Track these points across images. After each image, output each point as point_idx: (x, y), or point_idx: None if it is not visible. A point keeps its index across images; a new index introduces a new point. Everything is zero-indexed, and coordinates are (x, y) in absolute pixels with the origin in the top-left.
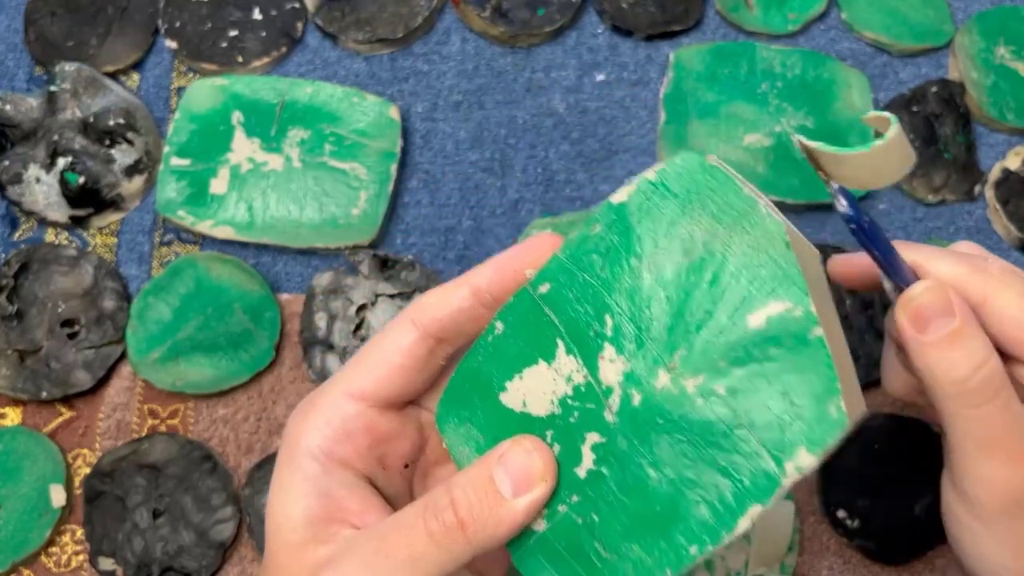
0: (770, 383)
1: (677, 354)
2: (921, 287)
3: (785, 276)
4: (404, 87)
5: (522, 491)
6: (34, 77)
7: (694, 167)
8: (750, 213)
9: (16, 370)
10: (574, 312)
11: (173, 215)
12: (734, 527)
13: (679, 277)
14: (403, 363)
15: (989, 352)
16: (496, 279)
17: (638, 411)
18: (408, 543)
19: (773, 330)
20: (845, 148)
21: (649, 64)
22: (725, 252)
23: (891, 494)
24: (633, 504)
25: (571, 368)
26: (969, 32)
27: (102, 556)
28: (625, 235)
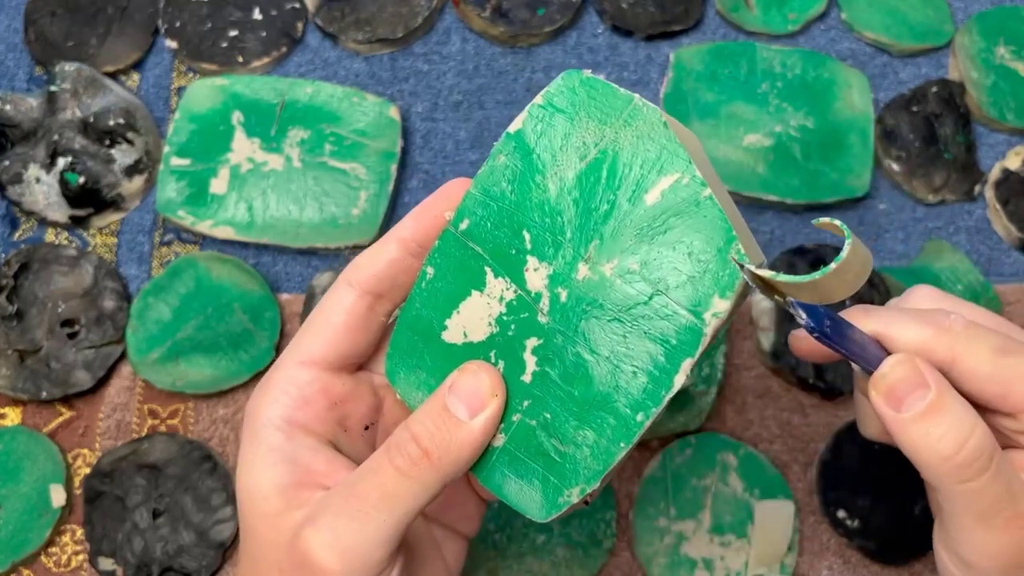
0: (675, 248)
1: (591, 246)
2: (890, 363)
3: (669, 152)
4: (404, 87)
5: (476, 410)
6: (34, 77)
7: (574, 82)
8: (628, 108)
9: (16, 370)
10: (495, 238)
11: (173, 215)
12: (671, 384)
13: (580, 180)
14: (346, 323)
15: (973, 419)
16: (418, 227)
17: (566, 305)
18: (378, 483)
19: (668, 201)
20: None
21: (649, 64)
22: (615, 147)
23: (891, 494)
24: (578, 391)
25: (501, 288)
26: (969, 32)
27: (102, 556)
28: (526, 157)
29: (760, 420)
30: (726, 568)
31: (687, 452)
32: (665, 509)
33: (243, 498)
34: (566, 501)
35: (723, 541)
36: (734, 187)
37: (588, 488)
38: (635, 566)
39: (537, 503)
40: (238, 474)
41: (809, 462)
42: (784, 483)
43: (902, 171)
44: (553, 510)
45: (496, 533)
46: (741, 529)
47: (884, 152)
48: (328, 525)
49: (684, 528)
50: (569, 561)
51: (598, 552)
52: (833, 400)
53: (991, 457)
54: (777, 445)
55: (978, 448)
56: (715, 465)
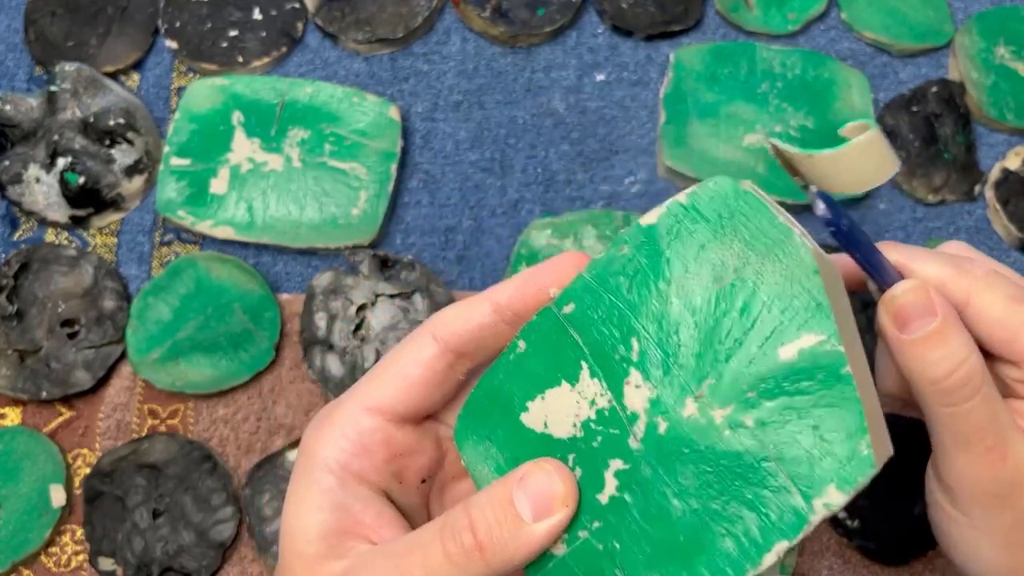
0: (800, 417)
1: (705, 383)
2: (903, 287)
3: (817, 308)
4: (404, 87)
5: (542, 515)
6: (34, 77)
7: (727, 191)
8: (783, 242)
9: (16, 370)
10: (599, 334)
11: (173, 215)
12: (759, 562)
13: (709, 304)
14: (422, 377)
15: (968, 351)
16: (518, 296)
17: (664, 439)
18: (424, 563)
19: (804, 363)
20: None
21: (649, 64)
22: (757, 280)
23: (891, 494)
24: (656, 533)
25: (595, 391)
26: (969, 32)
27: (102, 556)
28: (654, 258)
29: None
30: None
31: None
32: None
33: (286, 534)
34: None
35: None
36: None
37: None
38: None
39: None
40: (285, 506)
41: None
42: None
43: (902, 171)
44: None
45: None
46: None
47: None
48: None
49: None
50: None
51: None
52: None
53: (979, 387)
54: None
55: (967, 375)
56: None
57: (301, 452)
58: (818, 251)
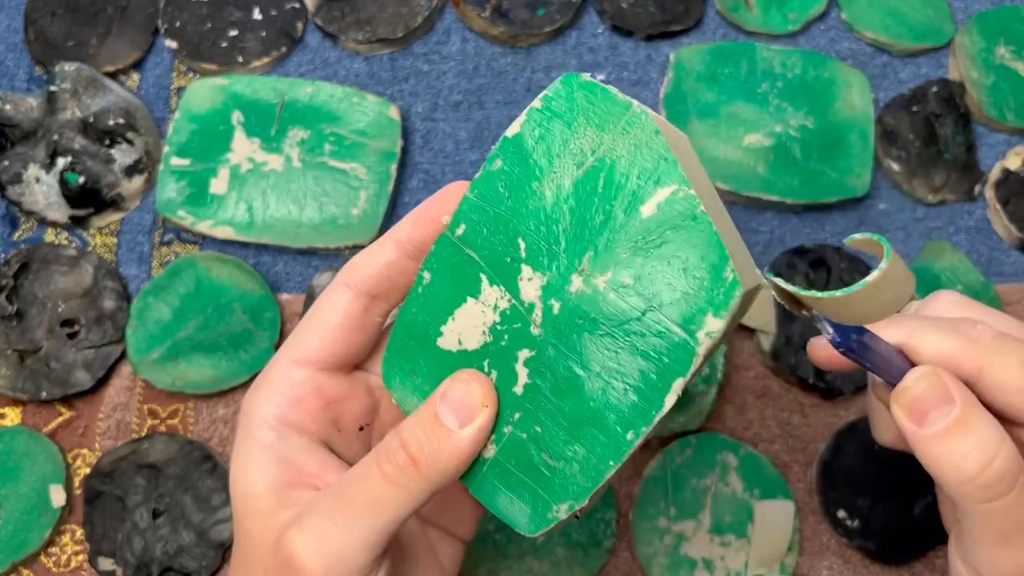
0: (670, 263)
1: (586, 257)
2: (914, 376)
3: (665, 163)
4: (404, 87)
5: (467, 420)
6: (34, 77)
7: (572, 86)
8: (625, 115)
9: (16, 370)
10: (490, 245)
11: (173, 215)
12: (662, 404)
13: (577, 188)
14: (341, 323)
15: (1000, 437)
16: (415, 229)
17: (559, 318)
18: (365, 488)
19: (664, 214)
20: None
21: (649, 64)
22: (612, 156)
23: (891, 494)
24: (569, 405)
25: (496, 297)
26: (969, 32)
27: (102, 556)
28: (523, 163)
29: (760, 420)
30: (726, 568)
31: (687, 452)
32: (665, 509)
33: (235, 496)
34: (555, 516)
35: (723, 541)
36: (734, 187)
37: (577, 504)
38: (635, 566)
39: (526, 517)
40: (231, 471)
41: (809, 462)
42: (784, 483)
43: (902, 171)
44: (542, 525)
45: (496, 533)
46: (741, 529)
47: (884, 152)
48: (313, 528)
49: (684, 528)
50: (569, 561)
51: (598, 552)
52: (833, 400)
53: (1016, 478)
54: (777, 445)
55: (1003, 468)
56: (715, 465)
57: (241, 414)
58: (658, 117)
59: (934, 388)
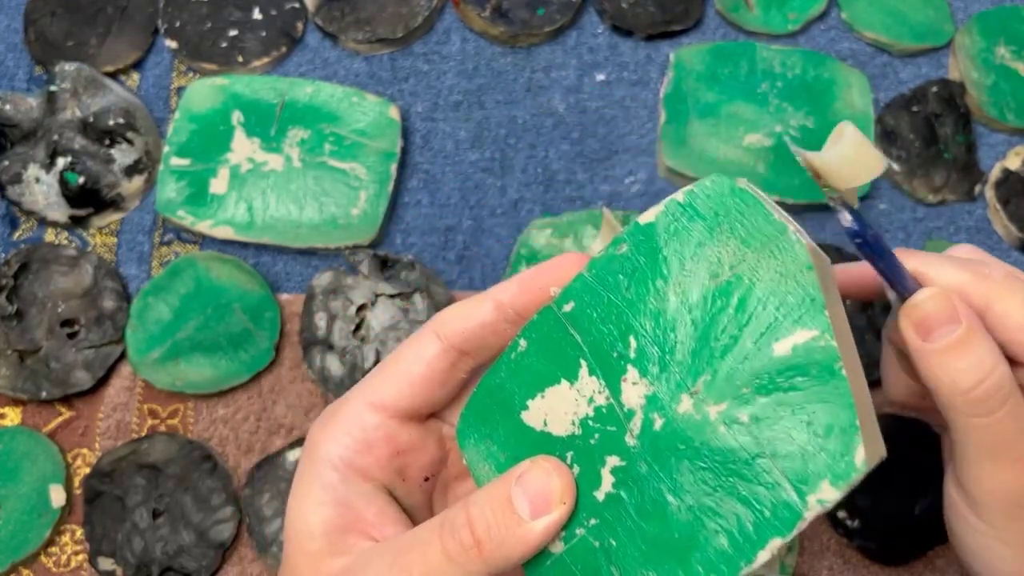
0: (794, 413)
1: (701, 379)
2: (925, 294)
3: (811, 304)
4: (404, 87)
5: (540, 512)
6: (34, 77)
7: (723, 189)
8: (778, 238)
9: (16, 370)
10: (598, 332)
11: (173, 215)
12: (753, 558)
13: (705, 301)
14: (425, 374)
15: (996, 359)
16: (520, 295)
17: (659, 435)
18: (423, 560)
19: (798, 359)
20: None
21: (649, 64)
22: (752, 277)
23: (891, 494)
24: (651, 530)
25: (593, 389)
26: (969, 32)
27: (102, 556)
28: (651, 256)
29: None
30: None
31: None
32: None
33: (289, 530)
34: None
35: None
36: None
37: None
38: None
39: None
40: (290, 502)
41: None
42: None
43: (902, 171)
44: None
45: None
46: None
47: (884, 152)
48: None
49: None
50: None
51: None
52: None
53: (1007, 397)
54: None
55: (995, 385)
56: None
57: (305, 448)
58: (812, 247)
59: (943, 306)
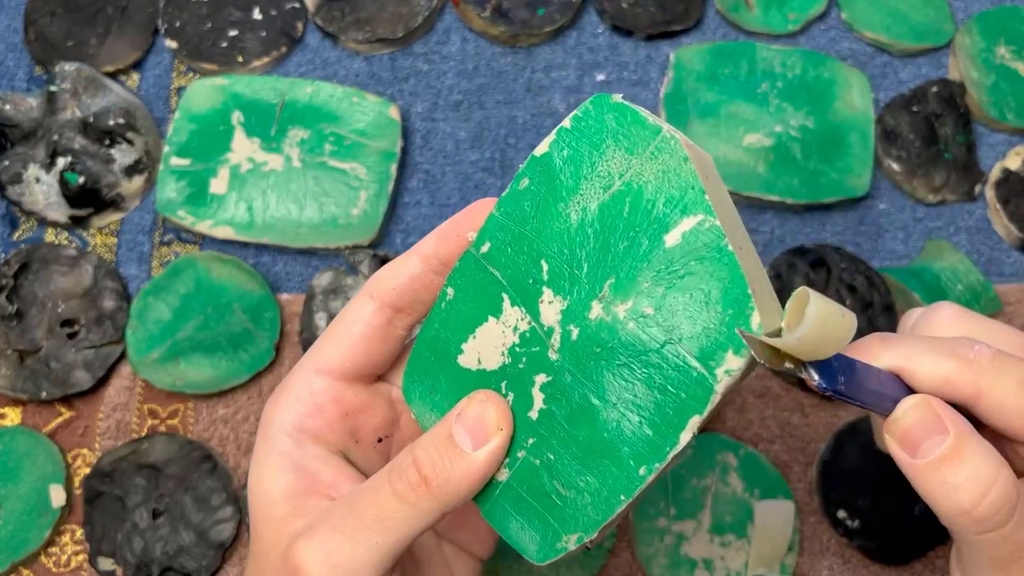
0: (692, 296)
1: (607, 284)
2: (904, 407)
3: (692, 191)
4: (404, 87)
5: (480, 442)
6: (34, 77)
7: (603, 107)
8: (655, 140)
9: (16, 370)
10: (514, 265)
11: (173, 215)
12: (677, 441)
13: (602, 212)
14: (363, 333)
15: (995, 467)
16: (440, 244)
17: (577, 344)
18: (376, 503)
19: (688, 244)
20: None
21: (649, 64)
22: (639, 181)
23: (891, 494)
24: (583, 435)
25: (516, 318)
26: (969, 32)
27: (102, 556)
28: (550, 183)
29: (760, 420)
30: (726, 568)
31: (687, 452)
32: (665, 509)
33: (251, 500)
34: (563, 547)
35: (723, 541)
36: (734, 187)
37: (587, 536)
38: (635, 566)
39: (535, 545)
40: (249, 476)
41: (809, 462)
42: (784, 483)
43: (902, 171)
44: (550, 555)
45: None
46: (741, 529)
47: (884, 152)
48: (322, 539)
49: (684, 528)
50: (569, 561)
51: (598, 552)
52: (833, 400)
53: (1013, 508)
54: (777, 445)
55: (1000, 499)
56: (715, 465)
57: (262, 419)
58: (687, 142)
59: (926, 418)
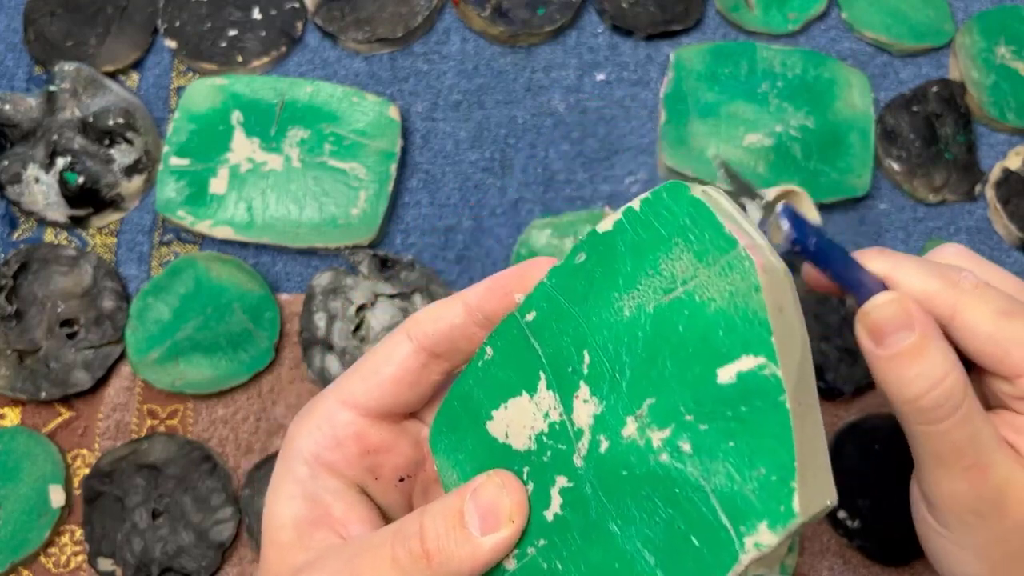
0: (736, 446)
1: (646, 402)
2: (881, 299)
3: (758, 328)
4: (404, 87)
5: (489, 529)
6: (33, 77)
7: (679, 198)
8: (728, 254)
9: (15, 370)
10: (556, 344)
11: (172, 215)
12: None
13: (657, 317)
14: (395, 375)
15: (947, 369)
16: (488, 299)
17: (605, 459)
18: (373, 565)
19: (743, 387)
20: None
21: (649, 64)
22: (703, 295)
23: (891, 494)
24: (594, 557)
25: (549, 404)
26: (970, 32)
27: (101, 557)
28: (608, 267)
29: None
30: None
31: None
32: None
33: (264, 521)
34: None
35: None
36: None
37: None
38: None
39: None
40: (267, 495)
41: None
42: None
43: (903, 171)
44: None
45: None
46: None
47: (884, 152)
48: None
49: None
50: None
51: None
52: (833, 400)
53: (957, 406)
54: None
55: (944, 395)
56: None
57: (284, 442)
58: (765, 264)
59: (897, 313)
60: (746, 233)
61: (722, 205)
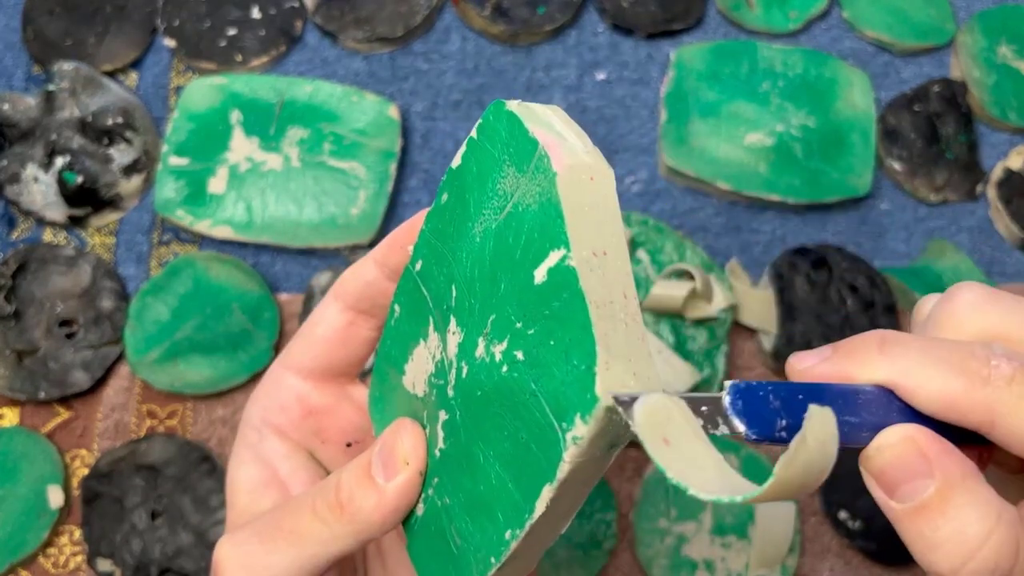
0: (555, 343)
1: (490, 319)
2: (883, 440)
3: (557, 219)
4: (404, 86)
5: (391, 475)
6: (32, 76)
7: (500, 116)
8: (533, 156)
9: (14, 370)
10: (437, 286)
11: (171, 215)
12: (533, 510)
13: (496, 237)
14: (325, 334)
15: (988, 526)
16: (389, 253)
17: (465, 384)
18: (294, 518)
19: (552, 283)
20: None
21: (650, 63)
22: (524, 203)
23: None
24: (469, 484)
25: (435, 345)
26: (971, 31)
27: (100, 557)
28: (462, 199)
29: None
30: (727, 569)
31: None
32: (666, 510)
33: (227, 489)
34: None
35: (724, 542)
36: (735, 187)
37: None
38: (636, 567)
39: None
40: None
41: None
42: None
43: (904, 170)
44: None
45: None
46: (742, 530)
47: (886, 151)
48: (243, 542)
49: (685, 529)
50: (569, 562)
51: (599, 553)
52: None
53: (1010, 571)
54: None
55: (991, 560)
56: None
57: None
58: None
59: (907, 458)
60: (556, 132)
61: (536, 112)
